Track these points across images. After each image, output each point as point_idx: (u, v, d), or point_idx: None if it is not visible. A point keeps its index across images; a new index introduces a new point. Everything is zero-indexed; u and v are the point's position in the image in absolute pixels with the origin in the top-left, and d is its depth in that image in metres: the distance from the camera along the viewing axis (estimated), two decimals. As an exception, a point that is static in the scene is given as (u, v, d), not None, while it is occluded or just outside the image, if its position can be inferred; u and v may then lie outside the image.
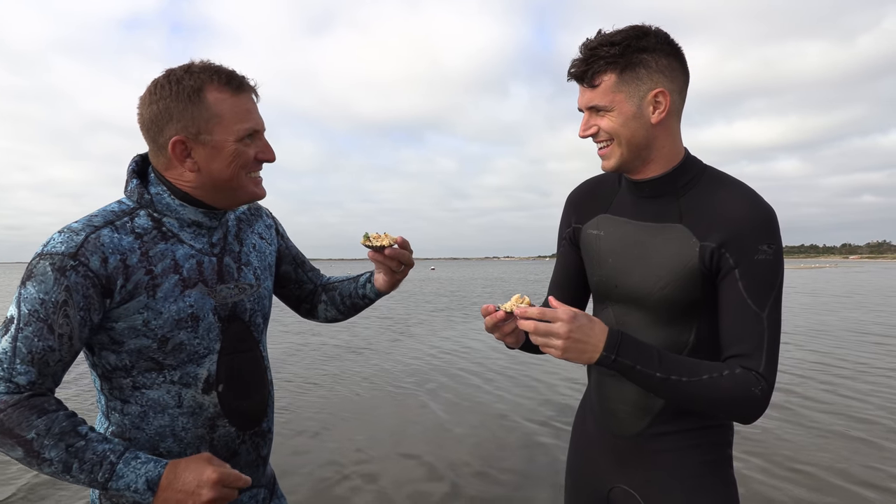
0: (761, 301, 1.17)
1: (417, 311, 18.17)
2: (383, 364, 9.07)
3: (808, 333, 11.98)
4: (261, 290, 1.38)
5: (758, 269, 1.17)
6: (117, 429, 1.24)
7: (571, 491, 1.49)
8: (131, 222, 1.21)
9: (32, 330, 1.10)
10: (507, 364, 8.89)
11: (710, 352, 1.25)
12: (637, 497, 1.34)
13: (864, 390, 6.96)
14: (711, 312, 1.24)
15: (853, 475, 4.31)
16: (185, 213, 1.26)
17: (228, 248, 1.34)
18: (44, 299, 1.10)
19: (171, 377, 1.23)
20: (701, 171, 1.28)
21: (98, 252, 1.14)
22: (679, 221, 1.25)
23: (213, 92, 1.18)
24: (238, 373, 1.30)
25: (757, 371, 1.16)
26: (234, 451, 1.30)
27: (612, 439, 1.38)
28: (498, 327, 1.22)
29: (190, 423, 1.24)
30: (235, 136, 1.20)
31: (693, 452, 1.29)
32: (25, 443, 1.08)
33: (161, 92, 1.18)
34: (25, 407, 1.09)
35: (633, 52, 1.18)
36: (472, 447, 5.09)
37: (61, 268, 1.10)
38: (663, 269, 1.24)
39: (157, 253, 1.21)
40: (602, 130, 1.24)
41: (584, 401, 1.52)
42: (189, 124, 1.18)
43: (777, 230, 1.20)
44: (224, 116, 1.19)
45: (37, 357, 1.10)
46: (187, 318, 1.22)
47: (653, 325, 1.28)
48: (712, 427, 1.31)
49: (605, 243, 1.35)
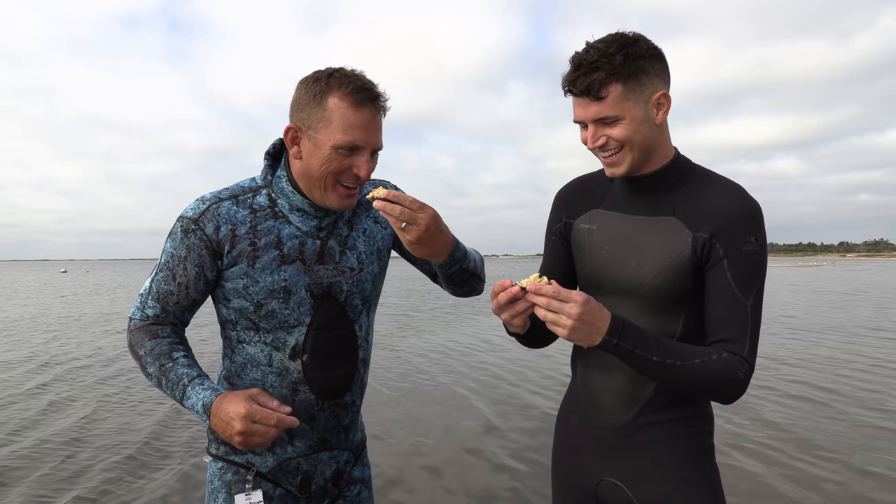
0: (747, 290, 1.22)
1: (424, 308, 18.19)
2: (411, 359, 9.10)
3: (822, 330, 12.01)
4: (362, 274, 1.45)
5: (745, 259, 1.22)
6: (227, 372, 1.45)
7: (559, 488, 1.50)
8: (252, 199, 1.39)
9: (163, 276, 1.37)
10: (533, 358, 8.92)
11: (696, 341, 1.29)
12: (625, 489, 1.35)
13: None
14: (699, 303, 1.29)
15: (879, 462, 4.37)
16: (294, 200, 1.38)
17: (336, 232, 1.43)
18: (172, 253, 1.36)
19: (265, 339, 1.38)
20: (691, 168, 1.34)
21: (214, 221, 1.34)
22: (672, 214, 1.29)
23: (335, 98, 1.28)
24: (325, 347, 1.41)
25: (741, 355, 1.21)
26: (313, 416, 1.42)
27: (599, 432, 1.39)
28: (510, 305, 1.21)
29: (277, 381, 1.40)
30: (334, 142, 1.28)
31: (679, 443, 1.32)
32: (138, 358, 1.35)
33: (303, 85, 1.33)
34: (145, 331, 1.37)
35: (633, 60, 1.21)
36: (527, 439, 5.15)
37: (185, 229, 1.35)
38: (657, 260, 1.28)
39: (265, 229, 1.37)
40: (612, 140, 1.26)
41: (567, 397, 1.53)
42: (306, 117, 1.31)
43: (763, 224, 1.25)
44: (333, 122, 1.28)
45: (161, 297, 1.37)
46: (280, 290, 1.36)
47: (643, 315, 1.31)
48: (696, 417, 1.34)
49: (597, 236, 1.38)
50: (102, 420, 5.89)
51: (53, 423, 5.79)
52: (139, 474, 4.45)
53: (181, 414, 5.96)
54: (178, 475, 4.40)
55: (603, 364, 1.37)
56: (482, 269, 1.53)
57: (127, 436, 5.35)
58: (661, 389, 1.32)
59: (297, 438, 1.42)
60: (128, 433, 5.43)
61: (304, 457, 1.44)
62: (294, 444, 1.42)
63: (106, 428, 5.62)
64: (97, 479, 4.33)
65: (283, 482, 1.43)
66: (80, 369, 8.61)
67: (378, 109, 1.32)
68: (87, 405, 6.46)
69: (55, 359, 9.51)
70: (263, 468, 1.42)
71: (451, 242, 1.35)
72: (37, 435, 5.37)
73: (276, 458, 1.42)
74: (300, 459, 1.43)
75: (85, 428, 5.62)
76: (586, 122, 1.28)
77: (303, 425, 1.41)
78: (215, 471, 1.44)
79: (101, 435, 5.38)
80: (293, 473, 1.43)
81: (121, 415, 6.08)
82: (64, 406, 6.45)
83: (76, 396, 6.88)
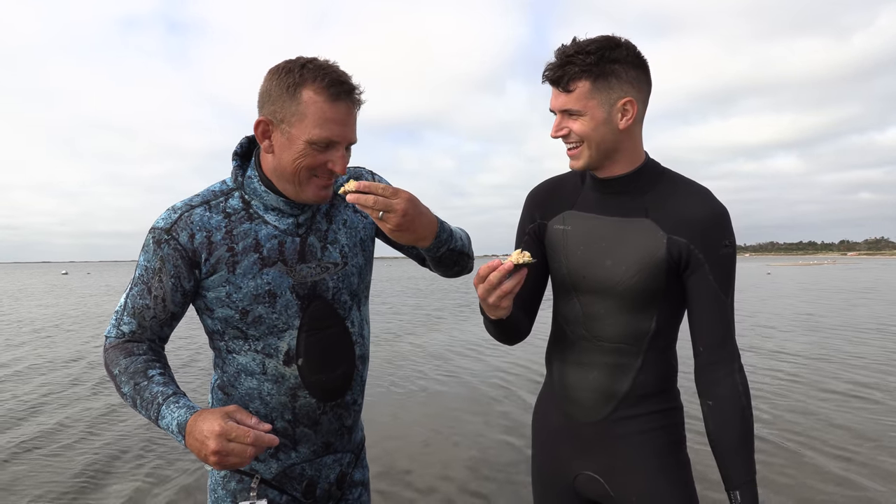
0: (727, 289, 1.33)
1: (433, 306, 18.19)
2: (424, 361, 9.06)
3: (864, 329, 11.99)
4: (347, 268, 1.40)
5: (722, 262, 1.32)
6: (221, 382, 1.39)
7: (538, 485, 1.52)
8: (225, 203, 1.33)
9: (137, 290, 1.30)
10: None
11: (666, 337, 1.38)
12: (601, 481, 1.40)
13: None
14: (669, 301, 1.36)
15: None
16: (268, 200, 1.32)
17: (315, 228, 1.37)
18: (146, 266, 1.30)
19: (255, 346, 1.33)
20: (661, 172, 1.39)
21: (187, 229, 1.28)
22: (646, 216, 1.35)
23: (310, 92, 1.22)
24: (319, 349, 1.35)
25: (733, 354, 1.33)
26: (315, 420, 1.39)
27: (576, 427, 1.43)
28: (497, 285, 1.21)
29: (274, 389, 1.34)
30: (309, 137, 1.23)
31: (654, 434, 1.37)
32: (113, 377, 1.28)
33: (274, 76, 1.25)
34: (120, 349, 1.30)
35: (607, 62, 1.27)
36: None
37: (158, 240, 1.29)
38: (632, 260, 1.33)
39: (241, 232, 1.31)
40: (573, 133, 1.32)
41: (542, 396, 1.55)
42: (279, 110, 1.24)
43: (731, 226, 1.35)
44: (307, 116, 1.22)
45: (137, 312, 1.30)
46: (264, 294, 1.30)
47: (618, 314, 1.37)
48: (670, 409, 1.41)
49: (572, 237, 1.42)
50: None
51: (112, 426, 5.75)
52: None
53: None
54: (177, 488, 4.19)
55: (580, 360, 1.41)
56: (470, 246, 1.49)
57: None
58: (637, 384, 1.37)
59: (301, 444, 1.39)
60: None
61: (308, 462, 1.41)
62: (298, 450, 1.39)
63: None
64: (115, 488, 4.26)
65: (288, 488, 1.40)
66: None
67: (354, 103, 1.27)
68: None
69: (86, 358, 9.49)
70: (268, 475, 1.38)
71: (435, 224, 1.30)
72: (107, 437, 5.32)
73: (280, 464, 1.39)
74: (304, 464, 1.41)
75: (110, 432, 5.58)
76: (555, 111, 1.35)
77: (306, 430, 1.38)
78: (218, 479, 1.39)
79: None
80: (298, 479, 1.40)
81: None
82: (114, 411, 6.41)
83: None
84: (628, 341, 1.36)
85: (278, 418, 1.36)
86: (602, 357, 1.38)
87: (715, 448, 1.32)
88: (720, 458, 1.31)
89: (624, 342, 1.36)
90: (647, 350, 1.36)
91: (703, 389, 1.33)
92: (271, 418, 1.35)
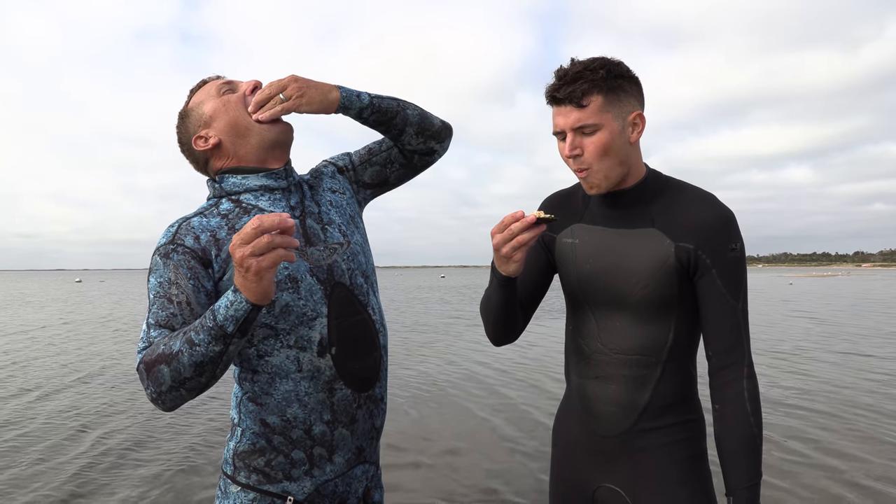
0: (736, 294, 1.31)
1: (443, 316, 17.98)
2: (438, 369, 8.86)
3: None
4: (352, 247, 1.42)
5: (730, 266, 1.31)
6: (252, 394, 1.35)
7: (557, 495, 1.51)
8: (217, 209, 1.36)
9: (157, 306, 1.25)
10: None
11: (685, 347, 1.37)
12: (622, 494, 1.39)
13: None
14: (685, 310, 1.35)
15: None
16: (251, 182, 1.37)
17: (308, 211, 1.40)
18: (160, 282, 1.27)
19: (287, 341, 1.30)
20: (664, 181, 1.40)
21: (190, 233, 1.30)
22: (652, 226, 1.35)
23: (192, 100, 1.42)
24: (350, 336, 1.36)
25: (743, 359, 1.31)
26: (352, 416, 1.36)
27: (597, 440, 1.43)
28: (515, 236, 1.25)
29: (311, 387, 1.32)
30: (217, 92, 1.38)
31: (675, 447, 1.37)
32: (159, 356, 1.17)
33: (179, 118, 1.44)
34: (151, 349, 1.20)
35: (614, 77, 1.29)
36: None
37: (165, 254, 1.28)
38: (642, 270, 1.34)
39: (242, 224, 1.32)
40: (586, 153, 1.31)
41: (562, 408, 1.55)
42: (196, 119, 1.39)
43: (739, 229, 1.34)
44: (204, 97, 1.39)
45: (163, 323, 1.24)
46: (285, 279, 1.29)
47: (634, 325, 1.36)
48: (691, 421, 1.39)
49: (581, 250, 1.43)
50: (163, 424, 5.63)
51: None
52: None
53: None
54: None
55: (599, 374, 1.41)
56: (424, 111, 1.51)
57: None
58: (657, 395, 1.36)
59: (338, 451, 1.36)
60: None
61: (341, 476, 1.38)
62: (333, 461, 1.36)
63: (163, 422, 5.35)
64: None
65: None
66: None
67: (209, 82, 1.43)
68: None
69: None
70: (300, 496, 1.34)
71: (332, 85, 1.39)
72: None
73: (313, 481, 1.35)
74: (337, 480, 1.38)
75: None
76: (565, 133, 1.32)
77: (343, 431, 1.36)
78: (245, 502, 1.32)
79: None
80: (330, 497, 1.38)
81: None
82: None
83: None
84: (646, 352, 1.36)
85: (317, 421, 1.33)
86: (620, 370, 1.38)
87: (718, 452, 1.31)
88: (721, 463, 1.30)
89: (642, 353, 1.36)
90: (667, 360, 1.36)
91: (712, 394, 1.33)
92: (310, 423, 1.33)
